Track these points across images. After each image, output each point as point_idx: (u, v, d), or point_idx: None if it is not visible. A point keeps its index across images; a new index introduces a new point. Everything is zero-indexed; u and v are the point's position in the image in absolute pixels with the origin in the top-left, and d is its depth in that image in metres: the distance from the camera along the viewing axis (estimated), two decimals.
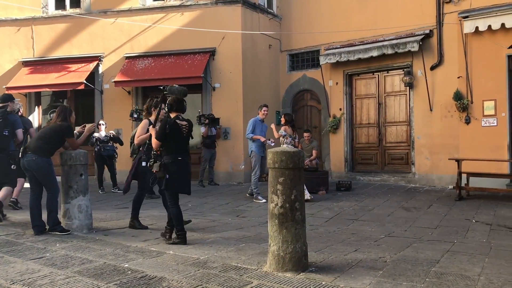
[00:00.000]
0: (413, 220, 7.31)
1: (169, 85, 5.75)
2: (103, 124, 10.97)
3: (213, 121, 11.74)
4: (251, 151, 9.41)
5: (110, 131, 11.11)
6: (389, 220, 7.31)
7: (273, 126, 9.69)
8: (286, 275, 4.06)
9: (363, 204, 8.82)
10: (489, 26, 10.03)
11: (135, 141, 6.59)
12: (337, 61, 12.33)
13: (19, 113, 7.93)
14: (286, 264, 4.12)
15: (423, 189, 10.83)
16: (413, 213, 7.93)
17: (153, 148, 5.46)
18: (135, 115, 9.72)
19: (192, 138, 5.88)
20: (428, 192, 10.36)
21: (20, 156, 6.03)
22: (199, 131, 11.85)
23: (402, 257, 4.85)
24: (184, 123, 5.62)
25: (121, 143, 10.91)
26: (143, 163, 6.13)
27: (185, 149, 5.67)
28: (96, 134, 10.73)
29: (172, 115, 5.56)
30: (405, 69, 11.80)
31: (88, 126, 6.80)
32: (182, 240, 5.34)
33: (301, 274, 4.09)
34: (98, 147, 10.71)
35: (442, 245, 5.49)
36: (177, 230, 5.39)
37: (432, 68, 11.32)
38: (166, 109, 5.72)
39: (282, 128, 9.49)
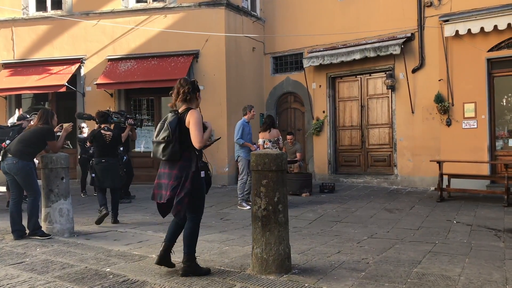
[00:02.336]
0: (396, 221, 7.37)
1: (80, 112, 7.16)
2: (84, 127, 10.86)
3: None
4: (238, 156, 9.17)
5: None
6: (372, 222, 7.37)
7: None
8: (270, 277, 4.06)
9: (346, 206, 8.88)
10: (469, 30, 10.19)
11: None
12: (320, 64, 12.41)
13: None
14: (269, 266, 4.12)
15: (405, 190, 10.94)
16: (396, 214, 8.00)
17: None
18: (109, 118, 9.61)
19: (119, 143, 7.68)
20: (410, 193, 10.47)
21: (0, 159, 5.94)
22: None
23: (384, 258, 4.89)
24: (108, 133, 7.24)
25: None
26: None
27: (109, 153, 7.19)
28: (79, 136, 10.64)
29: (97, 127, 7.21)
30: (387, 72, 11.92)
31: (65, 126, 6.70)
32: None
33: (284, 276, 4.10)
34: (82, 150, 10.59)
35: (424, 246, 5.55)
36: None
37: (414, 71, 11.46)
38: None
39: (260, 137, 9.39)
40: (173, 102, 4.31)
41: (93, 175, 7.13)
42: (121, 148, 9.60)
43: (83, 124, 10.95)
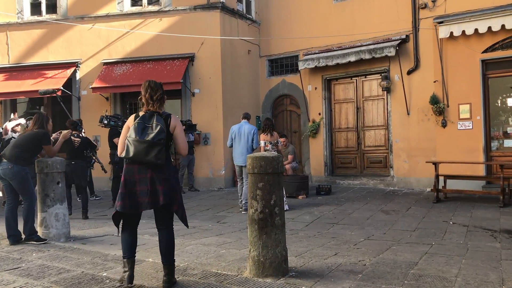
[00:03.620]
0: (392, 223, 7.39)
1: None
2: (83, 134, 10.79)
3: (190, 127, 11.70)
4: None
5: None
6: (368, 224, 7.37)
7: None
8: (266, 280, 4.05)
9: (343, 208, 8.89)
10: (463, 31, 10.24)
11: None
12: (316, 66, 12.43)
13: None
14: (266, 269, 4.11)
15: (401, 192, 10.96)
16: (392, 216, 8.01)
17: None
18: (105, 121, 9.59)
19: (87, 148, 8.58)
20: (406, 195, 10.49)
21: None
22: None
23: (381, 260, 4.90)
24: (77, 139, 8.49)
25: (94, 147, 10.71)
26: None
27: (77, 156, 8.43)
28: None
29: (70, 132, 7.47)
30: (382, 74, 11.95)
31: (63, 132, 6.71)
32: None
33: (281, 279, 4.09)
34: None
35: (421, 247, 5.56)
36: None
37: (409, 72, 11.49)
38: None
39: (261, 138, 9.37)
40: (147, 107, 4.03)
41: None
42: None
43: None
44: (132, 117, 4.07)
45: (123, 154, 3.88)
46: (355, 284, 4.02)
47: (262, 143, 9.18)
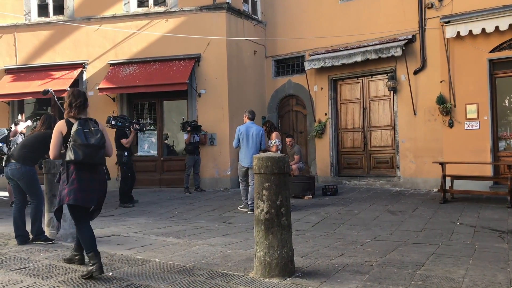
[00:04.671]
0: (399, 223, 7.36)
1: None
2: None
3: (195, 128, 11.72)
4: None
5: None
6: (375, 224, 7.35)
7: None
8: (273, 280, 4.05)
9: (349, 209, 8.87)
10: (470, 31, 10.19)
11: None
12: (322, 66, 12.42)
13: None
14: (272, 269, 4.11)
15: (408, 192, 10.92)
16: (399, 216, 7.99)
17: None
18: (113, 122, 9.65)
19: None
20: (413, 195, 10.45)
21: (3, 165, 5.94)
22: (183, 138, 11.89)
23: (387, 260, 4.88)
24: None
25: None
26: None
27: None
28: None
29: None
30: (388, 74, 11.92)
31: None
32: None
33: (288, 279, 4.09)
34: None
35: (427, 248, 5.54)
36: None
37: (416, 72, 11.45)
38: None
39: (274, 136, 9.42)
40: (69, 113, 4.49)
41: None
42: (126, 153, 9.64)
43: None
44: (63, 122, 4.47)
45: (72, 157, 4.23)
46: (361, 284, 4.01)
47: (277, 141, 9.24)
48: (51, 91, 9.60)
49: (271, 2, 14.08)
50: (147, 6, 13.11)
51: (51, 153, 4.42)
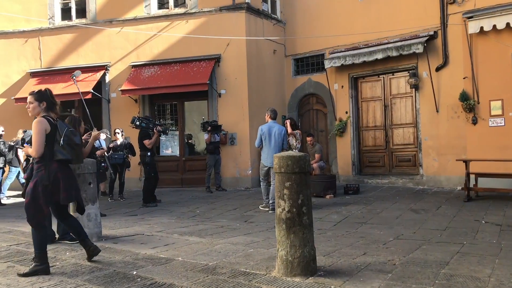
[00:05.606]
0: (422, 222, 7.28)
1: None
2: (118, 133, 10.97)
3: (216, 128, 11.79)
4: None
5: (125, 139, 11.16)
6: (397, 223, 7.29)
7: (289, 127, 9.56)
8: (295, 279, 4.06)
9: (371, 207, 8.81)
10: (494, 26, 10.00)
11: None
12: (342, 64, 12.35)
13: None
14: (294, 268, 4.12)
15: (431, 190, 10.79)
16: (422, 215, 7.90)
17: None
18: (137, 122, 9.79)
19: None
20: (436, 193, 10.31)
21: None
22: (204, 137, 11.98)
23: (411, 259, 4.84)
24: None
25: (134, 154, 10.95)
26: None
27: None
28: (113, 143, 10.83)
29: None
30: (410, 71, 11.79)
31: (93, 133, 6.84)
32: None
33: (310, 278, 4.09)
34: (108, 154, 10.75)
35: (452, 246, 5.46)
36: None
37: (438, 69, 11.30)
38: None
39: (298, 133, 9.54)
40: (55, 112, 4.65)
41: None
42: (149, 153, 9.76)
43: (118, 130, 11.06)
44: (45, 120, 4.48)
45: (68, 156, 4.45)
46: (384, 283, 3.99)
47: (297, 134, 9.35)
48: (75, 77, 9.91)
49: (290, 1, 14.07)
50: (168, 8, 13.25)
51: (37, 151, 4.38)
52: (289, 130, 9.65)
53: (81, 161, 4.81)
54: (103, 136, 11.14)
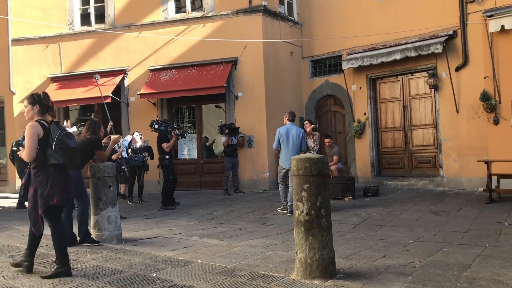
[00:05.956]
0: (443, 224, 7.18)
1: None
2: (137, 136, 11.05)
3: (233, 131, 11.82)
4: None
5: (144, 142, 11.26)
6: (417, 225, 7.20)
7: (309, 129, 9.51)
8: (314, 282, 4.04)
9: (391, 209, 8.72)
10: None
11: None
12: (360, 65, 12.27)
13: None
14: (313, 271, 4.10)
15: (452, 192, 10.63)
16: (443, 217, 7.79)
17: None
18: (156, 126, 9.87)
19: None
20: (457, 195, 10.16)
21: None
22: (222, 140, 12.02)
23: (431, 262, 4.78)
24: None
25: (152, 157, 11.04)
26: None
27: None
28: (132, 146, 10.94)
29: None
30: (429, 71, 11.64)
31: (113, 137, 6.94)
32: None
33: (329, 281, 4.07)
34: (127, 157, 10.86)
35: (473, 249, 5.37)
36: None
37: (457, 69, 11.15)
38: None
39: (317, 135, 9.52)
40: (48, 116, 4.62)
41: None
42: (167, 156, 9.84)
43: (136, 133, 11.15)
44: (38, 125, 4.46)
45: (61, 160, 4.43)
46: (405, 286, 3.94)
47: (317, 139, 9.33)
48: (97, 79, 10.15)
49: (307, 3, 14.04)
50: (185, 12, 13.34)
51: (29, 155, 4.40)
52: (308, 129, 9.60)
53: (76, 164, 4.78)
54: (128, 138, 11.27)
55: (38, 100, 4.57)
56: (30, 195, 4.47)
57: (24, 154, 4.43)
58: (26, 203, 6.34)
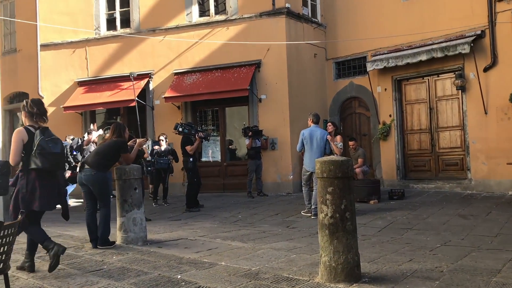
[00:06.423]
0: (471, 228, 7.02)
1: None
2: (162, 140, 11.17)
3: (257, 133, 11.81)
4: None
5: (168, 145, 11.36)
6: (445, 229, 7.06)
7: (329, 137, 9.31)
8: (339, 286, 4.00)
9: (417, 213, 8.57)
10: None
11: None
12: (385, 66, 12.13)
13: None
14: (338, 275, 4.06)
15: (480, 195, 10.39)
16: (471, 221, 7.62)
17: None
18: (180, 129, 9.96)
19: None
20: (486, 198, 9.92)
21: (78, 170, 6.24)
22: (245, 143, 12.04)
23: (459, 266, 4.67)
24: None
25: (177, 159, 11.14)
26: None
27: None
28: (156, 147, 11.05)
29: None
30: (456, 72, 11.43)
31: (138, 140, 7.02)
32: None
33: (354, 285, 4.02)
34: (152, 159, 10.97)
35: (503, 254, 5.24)
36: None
37: (485, 69, 10.91)
38: None
39: (339, 139, 9.39)
40: (34, 121, 4.78)
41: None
42: (191, 159, 9.91)
43: (162, 137, 11.26)
44: (23, 131, 4.69)
45: (39, 165, 4.57)
46: None
47: (340, 144, 9.22)
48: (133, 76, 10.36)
49: (331, 4, 13.96)
50: (209, 15, 13.43)
51: (13, 159, 4.63)
52: (329, 130, 9.55)
53: (59, 168, 4.89)
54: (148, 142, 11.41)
55: (25, 107, 4.83)
56: (13, 196, 4.70)
57: (10, 158, 4.69)
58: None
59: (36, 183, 4.63)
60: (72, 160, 10.62)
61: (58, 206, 4.97)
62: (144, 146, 9.24)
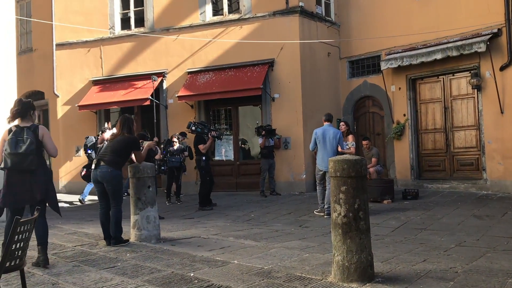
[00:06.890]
0: (486, 228, 6.94)
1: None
2: (175, 141, 11.21)
3: (270, 132, 11.80)
4: None
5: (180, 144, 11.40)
6: (459, 229, 6.99)
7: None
8: (352, 285, 3.99)
9: (431, 213, 8.50)
10: None
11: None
12: (399, 65, 12.03)
13: None
14: (351, 274, 4.04)
15: (496, 196, 10.26)
16: (486, 221, 7.53)
17: None
18: (193, 127, 10.00)
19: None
20: (501, 199, 9.80)
21: (93, 167, 6.20)
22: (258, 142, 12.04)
23: (474, 267, 4.62)
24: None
25: (191, 157, 11.20)
26: None
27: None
28: (170, 148, 11.13)
29: None
30: (472, 71, 11.30)
31: (148, 142, 7.08)
32: None
33: (367, 284, 4.00)
34: (165, 158, 11.04)
35: None
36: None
37: (502, 68, 10.76)
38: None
39: (351, 139, 9.38)
40: (11, 120, 4.94)
41: None
42: (204, 158, 9.95)
43: (175, 139, 11.29)
44: (6, 131, 4.94)
45: (2, 165, 4.84)
46: None
47: (353, 143, 9.20)
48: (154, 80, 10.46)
49: (344, 3, 13.89)
50: (222, 15, 13.45)
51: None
52: (342, 130, 9.56)
53: (24, 168, 4.85)
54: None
55: (12, 108, 5.05)
56: None
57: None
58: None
59: (5, 181, 4.86)
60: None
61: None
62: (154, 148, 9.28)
